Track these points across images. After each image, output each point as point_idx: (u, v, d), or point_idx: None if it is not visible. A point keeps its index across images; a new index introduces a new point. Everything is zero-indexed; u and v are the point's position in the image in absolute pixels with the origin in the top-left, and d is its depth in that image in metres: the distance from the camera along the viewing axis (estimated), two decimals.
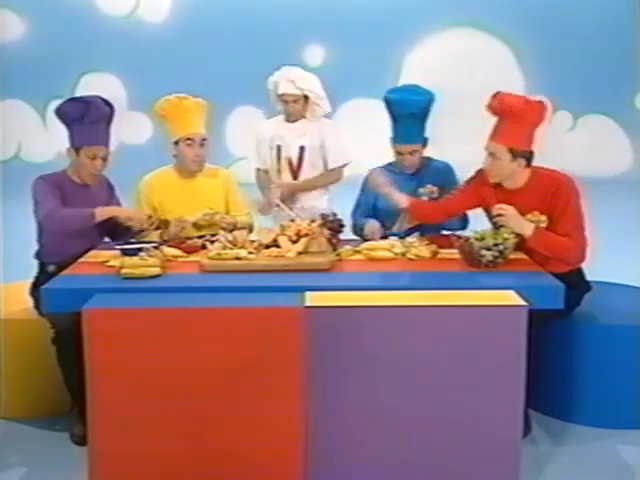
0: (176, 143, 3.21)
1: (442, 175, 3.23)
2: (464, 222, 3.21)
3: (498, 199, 2.79)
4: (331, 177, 3.62)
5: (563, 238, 2.70)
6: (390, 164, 3.31)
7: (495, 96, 2.80)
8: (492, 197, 2.83)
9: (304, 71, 3.55)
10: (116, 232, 3.04)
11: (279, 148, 3.56)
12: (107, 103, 2.97)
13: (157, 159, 3.38)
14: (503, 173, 2.77)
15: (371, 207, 3.33)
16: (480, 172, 2.92)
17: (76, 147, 2.91)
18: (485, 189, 2.87)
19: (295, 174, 3.57)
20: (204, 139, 3.22)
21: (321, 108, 3.53)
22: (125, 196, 3.26)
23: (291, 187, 3.54)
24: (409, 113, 3.11)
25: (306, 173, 3.57)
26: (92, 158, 2.91)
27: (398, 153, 3.21)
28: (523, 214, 2.70)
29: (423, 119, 3.17)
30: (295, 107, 3.49)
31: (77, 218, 2.86)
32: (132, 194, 3.35)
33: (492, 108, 2.80)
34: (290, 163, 3.56)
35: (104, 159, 2.95)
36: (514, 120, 2.70)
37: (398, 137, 3.18)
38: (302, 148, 3.53)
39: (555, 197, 2.71)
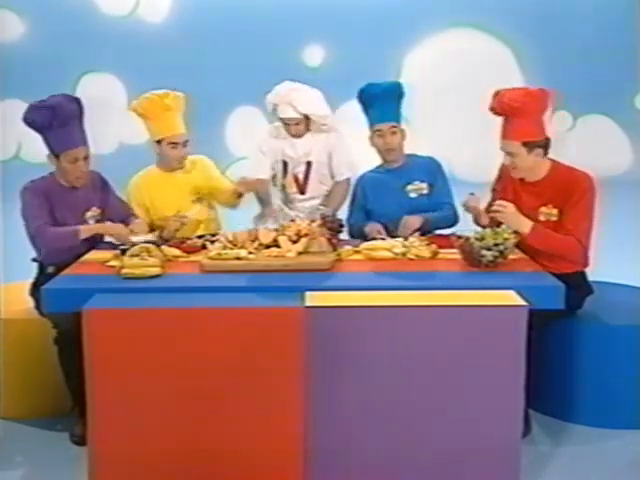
0: (158, 142, 3.21)
1: (429, 171, 3.25)
2: (455, 215, 3.21)
3: (519, 191, 2.86)
4: (338, 193, 3.49)
5: (563, 236, 2.71)
6: (378, 166, 3.33)
7: (495, 96, 2.82)
8: (517, 189, 2.87)
9: (304, 87, 3.40)
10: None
11: (285, 164, 3.47)
12: (74, 100, 2.89)
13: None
14: (525, 167, 2.80)
15: (364, 211, 3.33)
16: (502, 167, 2.98)
17: (55, 153, 2.87)
18: (512, 182, 2.91)
19: (302, 189, 3.49)
20: (187, 140, 3.22)
21: (326, 126, 3.42)
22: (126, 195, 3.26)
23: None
24: (376, 92, 3.17)
25: (313, 188, 3.49)
26: (73, 162, 2.86)
27: (379, 136, 3.21)
28: (541, 206, 2.77)
29: (395, 101, 3.20)
30: (298, 128, 3.39)
31: (63, 237, 2.83)
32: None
33: (495, 108, 2.82)
34: (296, 179, 3.48)
35: (85, 158, 2.89)
36: (520, 114, 2.73)
37: (375, 118, 3.21)
38: (309, 164, 3.45)
39: (570, 191, 2.74)
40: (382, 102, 3.18)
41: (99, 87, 9.73)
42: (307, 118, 3.39)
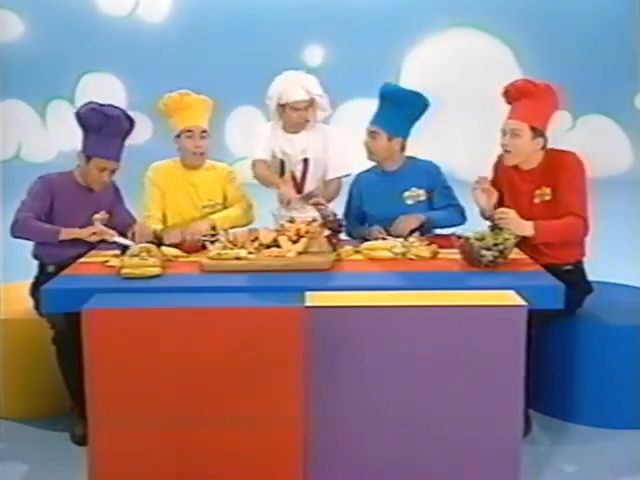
0: (178, 137, 3.24)
1: (427, 175, 3.18)
2: (462, 216, 3.17)
3: (515, 179, 2.88)
4: (330, 190, 3.43)
5: (563, 220, 2.75)
6: (374, 166, 3.29)
7: (514, 83, 2.88)
8: (513, 178, 2.90)
9: (305, 73, 3.42)
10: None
11: (282, 163, 3.43)
12: (129, 118, 2.97)
13: (157, 159, 3.38)
14: (524, 152, 2.83)
15: (360, 212, 3.30)
16: (496, 162, 3.01)
17: (87, 155, 2.92)
18: (506, 173, 2.93)
19: (299, 188, 3.42)
20: (204, 131, 3.24)
21: (325, 110, 3.40)
22: (125, 196, 3.26)
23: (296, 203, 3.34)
24: (381, 93, 3.13)
25: (310, 185, 3.44)
26: (101, 170, 2.92)
27: (366, 136, 3.19)
28: (535, 189, 2.82)
29: (398, 109, 3.10)
30: (304, 114, 3.35)
31: (43, 233, 2.85)
32: (132, 193, 3.36)
33: (513, 91, 2.85)
34: (294, 178, 3.42)
35: (113, 172, 2.97)
36: (537, 100, 2.79)
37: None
38: (306, 161, 3.41)
39: (560, 172, 2.79)
40: (381, 104, 3.16)
41: (99, 87, 9.74)
42: (311, 104, 3.35)
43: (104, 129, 2.87)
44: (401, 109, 3.10)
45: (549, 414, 2.93)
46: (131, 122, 2.98)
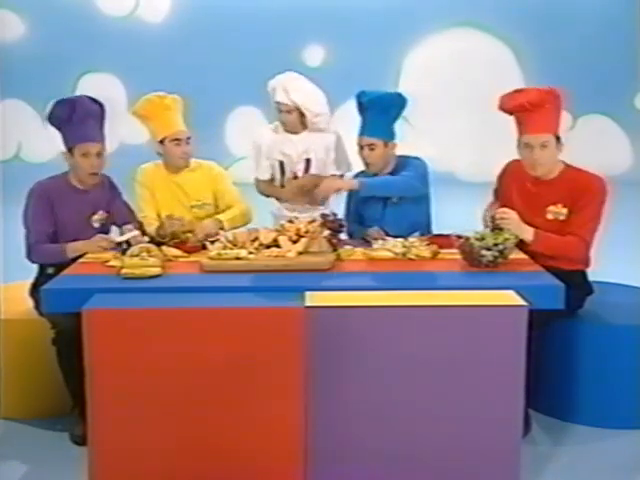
0: (161, 142, 3.22)
1: (412, 169, 3.17)
2: (411, 186, 3.13)
3: (528, 186, 2.86)
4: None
5: (565, 237, 2.73)
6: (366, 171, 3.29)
7: (515, 94, 2.83)
8: (527, 186, 2.87)
9: (305, 81, 3.38)
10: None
11: (282, 164, 3.41)
12: (95, 101, 2.97)
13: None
14: (551, 161, 2.81)
15: (358, 215, 3.31)
16: (507, 166, 2.99)
17: (69, 147, 2.91)
18: (518, 180, 2.90)
19: None
20: (189, 137, 3.23)
21: (319, 125, 3.35)
22: (126, 196, 3.26)
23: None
24: (363, 102, 3.13)
25: None
26: (86, 156, 2.90)
27: (360, 148, 3.19)
28: (549, 205, 2.78)
29: (386, 114, 3.13)
30: (288, 118, 3.32)
31: (52, 255, 2.88)
32: (133, 193, 3.36)
33: (527, 104, 2.76)
34: (296, 178, 3.40)
35: (99, 155, 2.93)
36: (549, 108, 2.76)
37: (359, 130, 3.19)
38: (308, 161, 3.38)
39: (582, 193, 2.75)
40: (368, 114, 3.16)
41: (99, 87, 9.74)
42: (302, 115, 3.33)
43: (74, 115, 2.86)
44: (388, 113, 3.15)
45: (549, 414, 2.92)
46: (99, 104, 2.97)
